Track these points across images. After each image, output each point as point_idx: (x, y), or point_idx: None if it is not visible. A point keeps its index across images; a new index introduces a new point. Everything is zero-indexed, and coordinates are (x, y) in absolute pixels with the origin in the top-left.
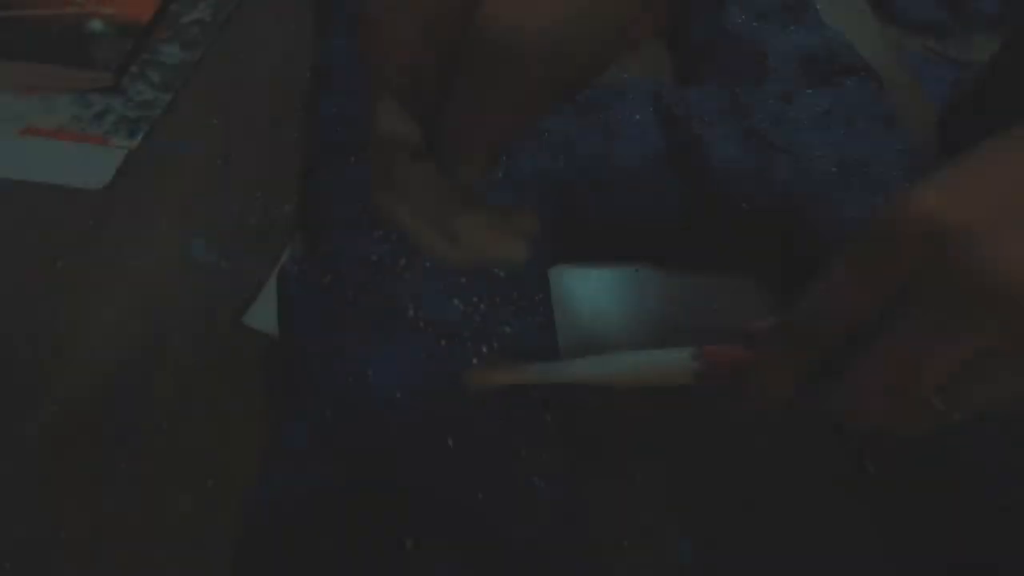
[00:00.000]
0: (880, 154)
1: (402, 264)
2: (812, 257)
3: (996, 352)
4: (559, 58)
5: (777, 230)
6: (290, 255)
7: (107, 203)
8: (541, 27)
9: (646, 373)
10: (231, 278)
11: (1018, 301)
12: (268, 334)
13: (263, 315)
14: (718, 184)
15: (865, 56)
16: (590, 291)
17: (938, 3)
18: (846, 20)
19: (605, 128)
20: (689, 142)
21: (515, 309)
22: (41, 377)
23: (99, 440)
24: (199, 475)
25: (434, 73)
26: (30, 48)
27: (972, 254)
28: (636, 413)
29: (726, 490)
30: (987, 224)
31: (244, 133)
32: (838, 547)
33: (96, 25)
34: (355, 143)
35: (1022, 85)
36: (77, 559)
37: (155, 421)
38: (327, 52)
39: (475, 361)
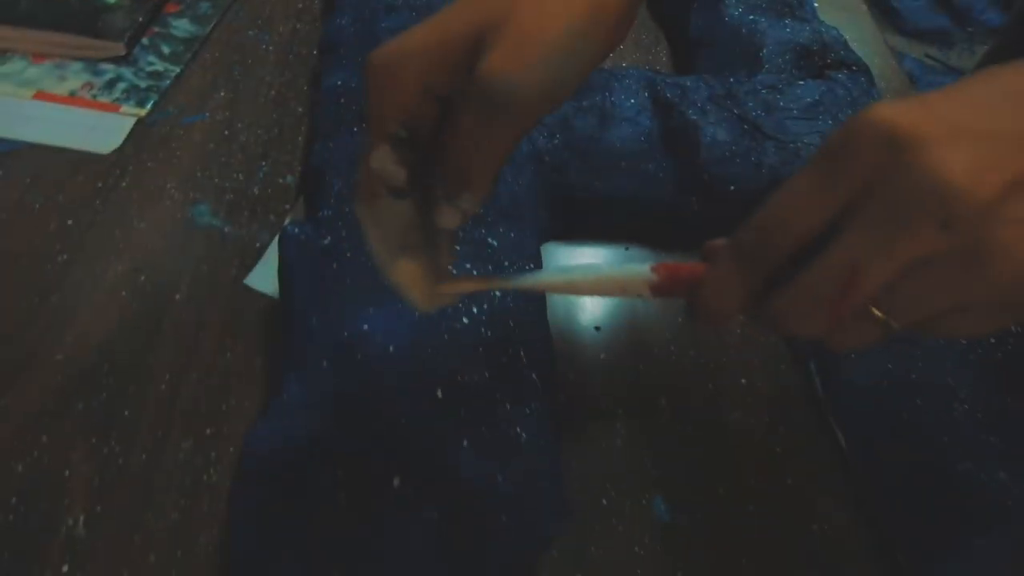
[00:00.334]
0: None
1: None
2: None
3: (934, 259)
4: (549, 96)
5: None
6: (291, 221)
7: (116, 167)
8: (532, 82)
9: (606, 282)
10: (233, 242)
11: (957, 204)
12: (268, 295)
13: (264, 278)
14: (708, 166)
15: (859, 53)
16: None
17: (942, 14)
18: (843, 17)
19: (601, 111)
20: (682, 126)
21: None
22: (50, 329)
23: (103, 389)
24: (199, 424)
25: (431, 120)
26: (45, 16)
27: (919, 159)
28: (618, 378)
29: (703, 455)
30: (936, 134)
31: (250, 106)
32: (812, 514)
33: None
34: (356, 115)
35: None
36: (80, 496)
37: (158, 373)
38: (332, 30)
39: (465, 321)
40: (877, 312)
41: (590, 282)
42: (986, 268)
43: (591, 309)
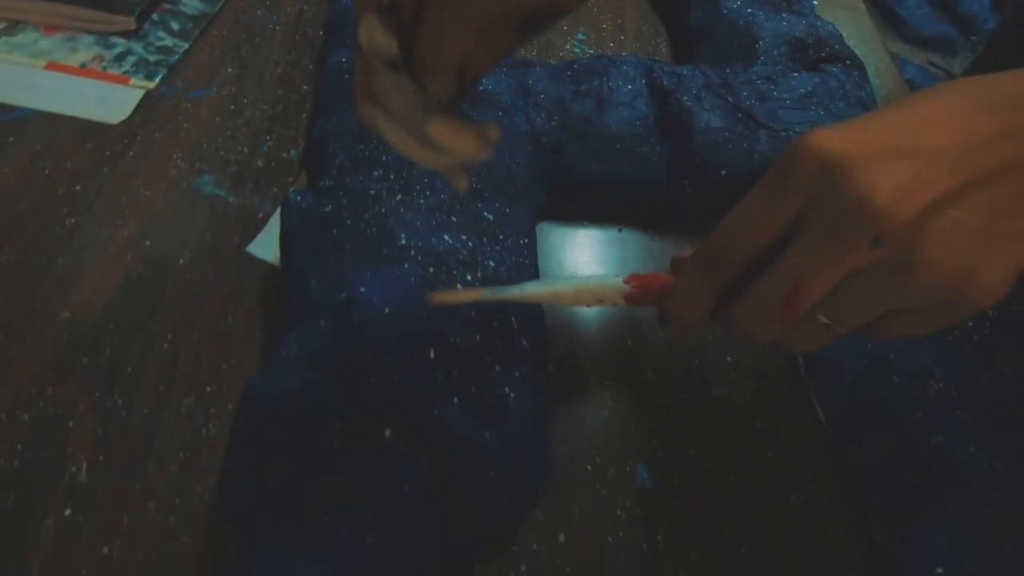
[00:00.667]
0: None
1: (398, 199)
2: None
3: (867, 272)
4: None
5: None
6: (294, 190)
7: (124, 137)
8: None
9: (583, 292)
10: (237, 212)
11: (884, 223)
12: (269, 263)
13: (265, 246)
14: (701, 151)
15: (856, 51)
16: (575, 248)
17: (946, 23)
18: (842, 16)
19: (598, 95)
20: (677, 112)
21: (500, 249)
22: (57, 288)
23: (107, 346)
24: (199, 382)
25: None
26: None
27: (849, 182)
28: (607, 352)
29: (688, 427)
30: (865, 157)
31: (256, 83)
32: (791, 486)
33: None
34: None
35: None
36: (84, 446)
37: (160, 334)
38: (338, 11)
39: (459, 287)
40: (823, 318)
41: (571, 293)
42: (914, 279)
43: None
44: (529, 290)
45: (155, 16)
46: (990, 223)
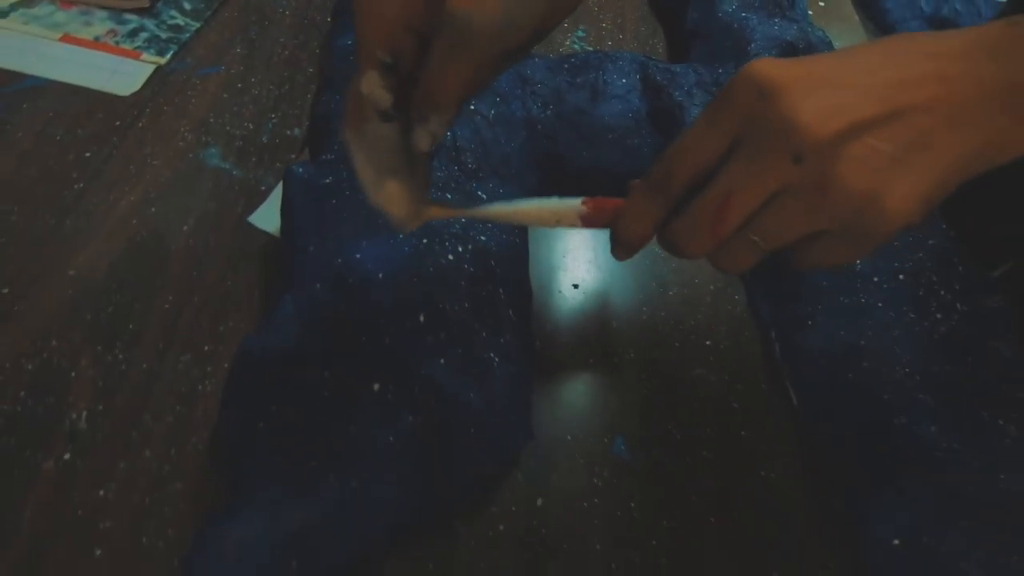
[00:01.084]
0: None
1: None
2: None
3: (789, 189)
4: (504, 33)
5: None
6: (297, 162)
7: (134, 109)
8: (488, 19)
9: (543, 213)
10: (240, 184)
11: (802, 140)
12: (270, 233)
13: (267, 217)
14: None
15: None
16: (566, 232)
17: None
18: (836, 27)
19: (593, 87)
20: (668, 107)
21: (492, 226)
22: (65, 247)
23: (110, 304)
24: (198, 341)
25: (411, 51)
26: None
27: (777, 103)
28: (591, 331)
29: (666, 404)
30: (795, 83)
31: (264, 63)
32: (761, 462)
33: None
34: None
35: None
36: (85, 395)
37: (162, 295)
38: None
39: (451, 258)
40: (752, 236)
41: (532, 212)
42: (828, 198)
43: (572, 268)
44: (495, 209)
45: None
46: (900, 154)
